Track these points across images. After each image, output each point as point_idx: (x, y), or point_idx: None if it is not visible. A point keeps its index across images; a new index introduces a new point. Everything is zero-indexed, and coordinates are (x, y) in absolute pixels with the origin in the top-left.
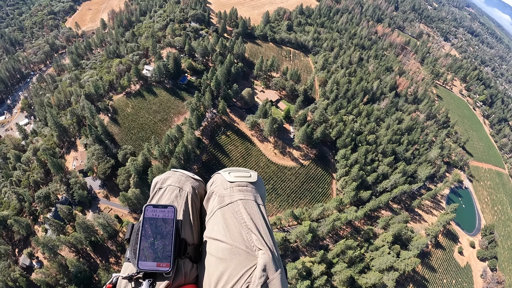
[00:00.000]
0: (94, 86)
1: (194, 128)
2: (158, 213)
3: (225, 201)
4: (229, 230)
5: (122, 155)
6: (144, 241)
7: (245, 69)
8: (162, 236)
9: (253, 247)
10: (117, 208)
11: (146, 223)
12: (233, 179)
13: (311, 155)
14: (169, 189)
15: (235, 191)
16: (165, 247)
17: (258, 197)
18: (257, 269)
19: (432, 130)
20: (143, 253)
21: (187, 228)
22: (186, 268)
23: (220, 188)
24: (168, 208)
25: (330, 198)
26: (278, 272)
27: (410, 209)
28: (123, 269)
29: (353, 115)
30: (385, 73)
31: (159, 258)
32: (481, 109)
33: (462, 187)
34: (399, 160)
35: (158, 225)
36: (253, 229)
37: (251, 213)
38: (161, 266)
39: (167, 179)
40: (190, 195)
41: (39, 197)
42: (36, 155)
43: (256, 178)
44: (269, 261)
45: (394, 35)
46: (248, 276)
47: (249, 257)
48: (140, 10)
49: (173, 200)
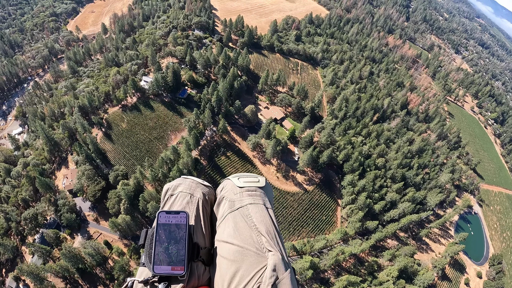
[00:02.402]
0: (88, 99)
1: (191, 149)
2: (171, 219)
3: (235, 205)
4: (240, 233)
5: (114, 176)
6: (159, 246)
7: (249, 83)
8: (176, 241)
9: (263, 249)
10: (107, 233)
11: (160, 229)
12: (243, 184)
13: (315, 179)
14: (180, 195)
15: (244, 196)
16: (179, 252)
17: (267, 201)
18: (267, 269)
19: (444, 152)
20: (158, 258)
21: (199, 232)
22: (199, 271)
23: (230, 193)
24: (181, 214)
25: (334, 226)
26: (288, 272)
27: (418, 238)
28: (138, 273)
29: (362, 136)
30: (396, 89)
31: (174, 262)
32: (493, 128)
33: (471, 212)
34: (408, 185)
35: (171, 231)
36: (262, 232)
37: (261, 216)
38: (176, 270)
39: (178, 186)
40: (201, 201)
41: (26, 218)
42: (26, 169)
43: (264, 183)
44: (279, 261)
45: (405, 48)
46: (259, 277)
47: (259, 258)
48: (143, 15)
49: (185, 206)
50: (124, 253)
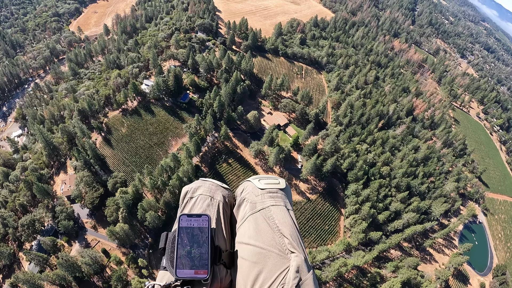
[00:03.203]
0: (88, 102)
1: (192, 156)
2: (193, 222)
3: (257, 207)
4: (262, 234)
5: (112, 184)
6: (181, 249)
7: (253, 87)
8: (199, 244)
9: (285, 250)
10: (105, 241)
11: (182, 232)
12: (264, 186)
13: (319, 188)
14: (200, 198)
15: (266, 197)
16: (201, 255)
17: (288, 203)
18: (290, 270)
19: (449, 160)
20: (180, 262)
21: (220, 235)
22: (221, 274)
23: (251, 195)
24: (203, 217)
25: (337, 236)
26: (311, 273)
27: (421, 248)
28: (159, 277)
29: (367, 144)
30: (402, 94)
31: (196, 265)
32: (498, 134)
33: (476, 221)
34: (413, 194)
35: (194, 234)
36: (285, 233)
37: (283, 218)
38: (199, 274)
39: (198, 189)
40: (222, 203)
41: (23, 225)
42: (24, 174)
43: (284, 185)
44: (302, 263)
45: (411, 52)
46: (283, 278)
47: (282, 260)
48: (146, 16)
49: (206, 209)
50: (122, 262)
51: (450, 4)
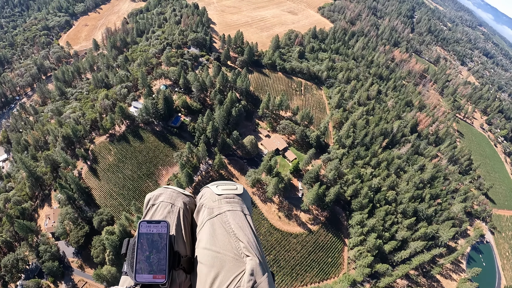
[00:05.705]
0: (72, 128)
1: (184, 187)
2: (152, 228)
3: (214, 212)
4: (218, 239)
5: (98, 221)
6: (140, 255)
7: (249, 107)
8: (157, 250)
9: (241, 254)
10: (93, 282)
11: (141, 238)
12: (221, 192)
13: (321, 218)
14: (161, 205)
15: (223, 203)
16: (160, 260)
17: (245, 208)
18: (245, 274)
19: (455, 179)
20: (139, 267)
21: (180, 241)
22: (180, 279)
23: (209, 201)
24: (162, 223)
25: (341, 269)
26: (265, 276)
27: (429, 275)
28: (121, 282)
29: (372, 167)
30: (405, 109)
31: (155, 270)
32: (503, 146)
33: (483, 241)
34: (420, 219)
35: (154, 240)
36: (240, 237)
37: (239, 222)
38: (157, 278)
39: (160, 196)
40: (182, 210)
41: (6, 265)
42: (7, 206)
43: (242, 190)
44: (256, 266)
45: (412, 62)
46: (238, 281)
47: (238, 263)
48: (137, 30)
49: (166, 215)
50: None
51: (447, 9)
